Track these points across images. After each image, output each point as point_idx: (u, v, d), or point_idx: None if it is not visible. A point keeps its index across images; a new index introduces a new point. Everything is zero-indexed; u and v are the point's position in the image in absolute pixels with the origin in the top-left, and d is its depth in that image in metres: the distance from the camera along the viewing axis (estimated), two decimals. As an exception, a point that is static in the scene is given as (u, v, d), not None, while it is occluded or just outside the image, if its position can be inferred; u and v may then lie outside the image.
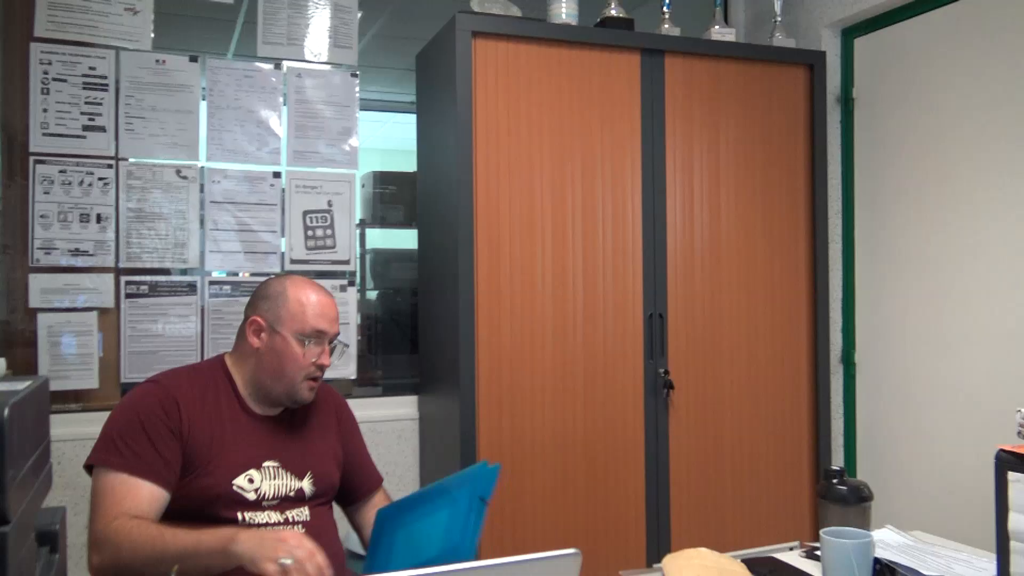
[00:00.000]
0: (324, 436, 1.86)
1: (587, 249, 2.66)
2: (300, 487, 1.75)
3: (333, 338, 1.77)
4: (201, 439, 1.67)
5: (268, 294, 1.77)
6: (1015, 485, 1.22)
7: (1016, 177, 2.47)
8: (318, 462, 1.80)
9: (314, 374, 1.75)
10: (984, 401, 2.55)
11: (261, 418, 1.77)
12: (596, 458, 2.67)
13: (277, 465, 1.74)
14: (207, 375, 1.78)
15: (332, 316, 1.77)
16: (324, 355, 1.75)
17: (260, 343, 1.74)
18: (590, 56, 2.67)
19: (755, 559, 1.69)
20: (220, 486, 1.65)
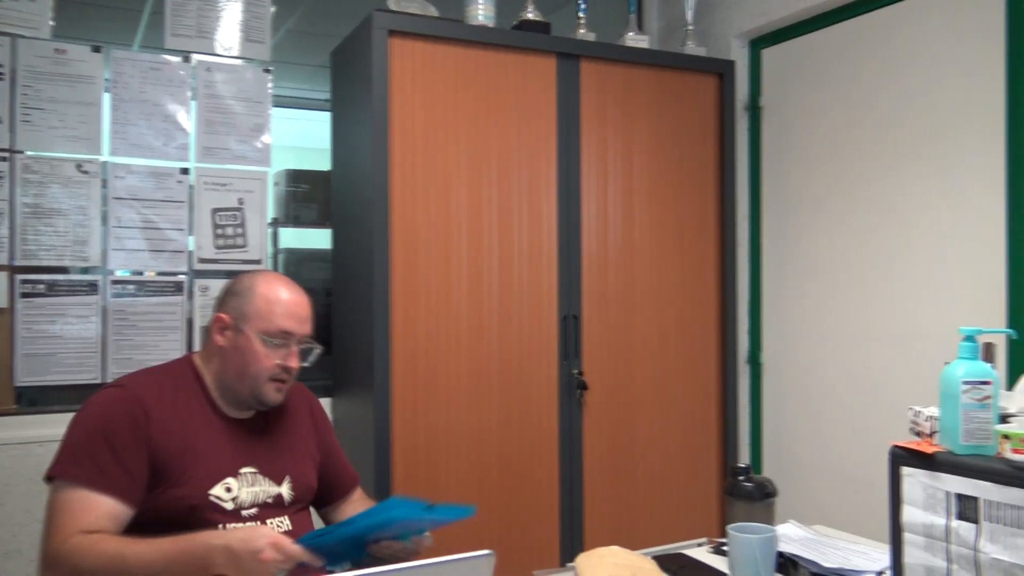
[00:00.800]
0: (300, 438, 1.79)
1: (503, 251, 2.67)
2: (279, 493, 1.68)
3: (303, 339, 1.69)
4: (173, 447, 1.57)
5: (237, 290, 1.68)
6: (908, 479, 1.28)
7: (912, 184, 2.59)
8: (296, 466, 1.73)
9: (280, 376, 1.66)
10: (881, 399, 2.67)
11: (235, 422, 1.69)
12: (511, 458, 2.68)
13: (254, 471, 1.66)
14: (176, 377, 1.68)
15: (302, 316, 1.68)
16: (291, 357, 1.66)
17: (225, 341, 1.66)
18: (507, 59, 2.68)
19: (665, 556, 1.72)
20: (195, 496, 1.56)
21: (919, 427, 1.38)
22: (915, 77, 2.58)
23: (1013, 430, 1.17)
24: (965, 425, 1.23)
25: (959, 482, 1.20)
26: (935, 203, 2.52)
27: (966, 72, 2.43)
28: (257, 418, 1.73)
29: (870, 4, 2.72)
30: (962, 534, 1.19)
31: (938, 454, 1.24)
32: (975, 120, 2.41)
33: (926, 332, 2.54)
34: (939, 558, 1.23)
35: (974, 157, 2.41)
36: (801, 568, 1.55)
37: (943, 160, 2.50)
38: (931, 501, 1.24)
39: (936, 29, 2.52)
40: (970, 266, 2.42)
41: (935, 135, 2.52)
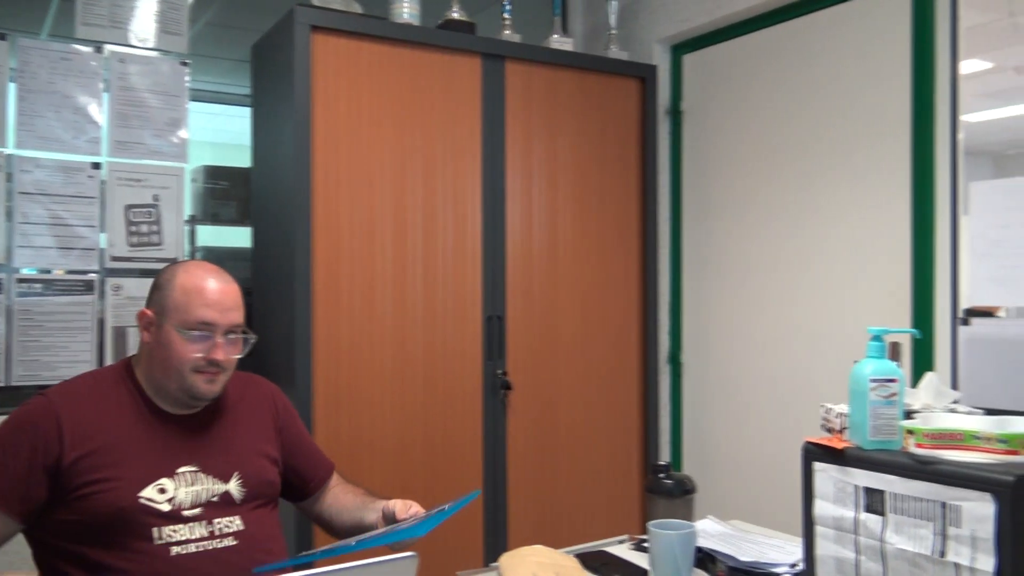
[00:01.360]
0: (254, 432, 1.72)
1: (427, 251, 2.66)
2: (226, 491, 1.61)
3: (230, 329, 1.62)
4: (95, 452, 1.51)
5: (160, 283, 1.62)
6: (819, 474, 1.32)
7: (825, 190, 2.68)
8: (246, 461, 1.67)
9: (205, 368, 1.59)
10: (795, 397, 2.76)
11: (176, 419, 1.62)
12: (435, 458, 2.67)
13: (195, 470, 1.59)
14: (109, 379, 1.62)
15: (226, 305, 1.61)
16: (216, 349, 1.59)
17: (150, 337, 1.60)
18: (432, 58, 2.67)
19: (588, 553, 1.74)
20: (124, 500, 1.50)
21: (830, 424, 1.42)
22: (828, 87, 2.67)
23: (917, 425, 1.23)
24: (872, 421, 1.28)
25: (867, 476, 1.25)
26: (847, 209, 2.62)
27: (875, 84, 2.53)
28: (202, 414, 1.66)
29: (785, 15, 2.80)
30: (869, 526, 1.24)
31: (847, 449, 1.29)
32: (884, 130, 2.50)
33: (837, 332, 2.63)
34: (848, 550, 1.27)
35: (882, 166, 2.51)
36: (719, 562, 1.59)
37: (854, 167, 2.59)
38: (841, 495, 1.28)
39: (847, 43, 2.62)
40: (878, 270, 2.52)
41: (847, 143, 2.61)
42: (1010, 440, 1.15)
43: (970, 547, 1.11)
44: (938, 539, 1.15)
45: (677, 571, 1.50)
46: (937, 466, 1.16)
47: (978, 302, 2.26)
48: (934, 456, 1.18)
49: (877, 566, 1.23)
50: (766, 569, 1.58)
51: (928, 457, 1.19)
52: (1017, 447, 1.14)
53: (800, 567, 1.50)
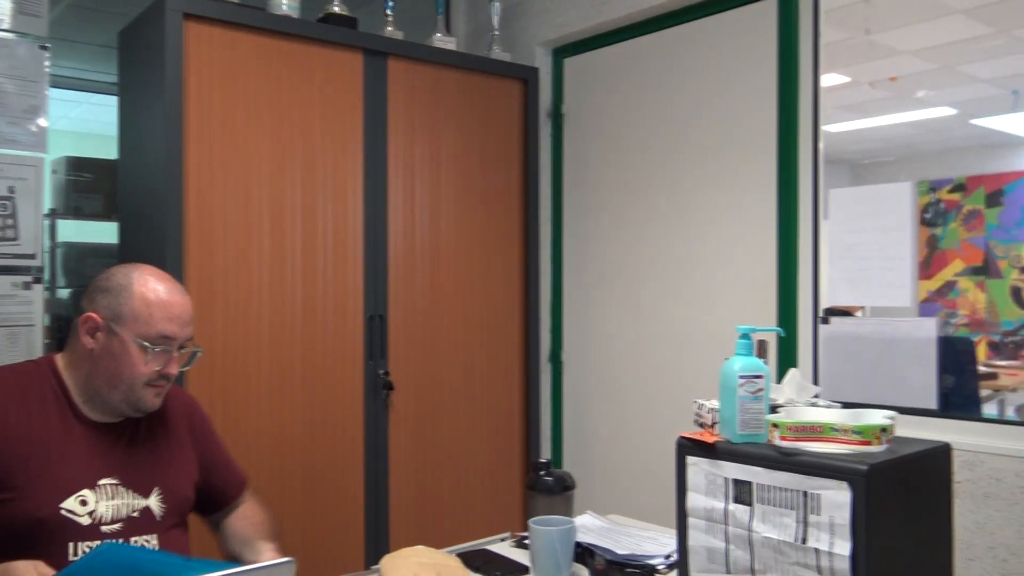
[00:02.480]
0: (175, 445, 1.63)
1: (307, 249, 2.60)
2: (146, 506, 1.53)
3: (185, 343, 1.55)
4: (17, 456, 1.40)
5: (109, 287, 1.52)
6: (692, 468, 1.37)
7: (697, 193, 2.79)
8: (167, 476, 1.58)
9: (158, 382, 1.52)
10: (670, 394, 2.86)
11: (99, 427, 1.52)
12: (315, 461, 2.61)
13: (116, 483, 1.50)
14: (33, 378, 1.50)
15: (185, 319, 1.55)
16: (172, 364, 1.52)
17: (95, 344, 1.49)
18: (312, 52, 2.62)
19: (470, 552, 1.75)
20: (44, 510, 1.40)
21: (702, 418, 1.48)
22: (701, 95, 2.78)
23: (781, 419, 1.29)
24: (741, 416, 1.34)
25: (735, 468, 1.30)
26: (718, 213, 2.73)
27: (745, 94, 2.65)
28: (127, 423, 1.57)
29: (661, 23, 2.90)
30: (738, 516, 1.30)
31: (718, 443, 1.34)
32: (752, 138, 2.63)
33: (709, 331, 2.74)
34: (718, 539, 1.33)
35: (750, 172, 2.63)
36: (597, 556, 1.62)
37: (724, 173, 2.71)
38: (712, 487, 1.34)
39: (719, 53, 2.73)
40: (747, 271, 2.64)
41: (718, 150, 2.73)
42: (864, 431, 1.23)
43: (829, 533, 1.18)
44: (800, 526, 1.22)
45: (557, 566, 1.53)
46: (799, 457, 1.23)
47: (836, 302, 2.41)
48: (796, 448, 1.25)
49: (745, 554, 1.29)
50: (642, 561, 1.63)
51: (791, 449, 1.25)
52: (871, 438, 1.22)
53: (674, 558, 1.56)
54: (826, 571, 1.18)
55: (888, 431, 1.25)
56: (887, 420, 1.26)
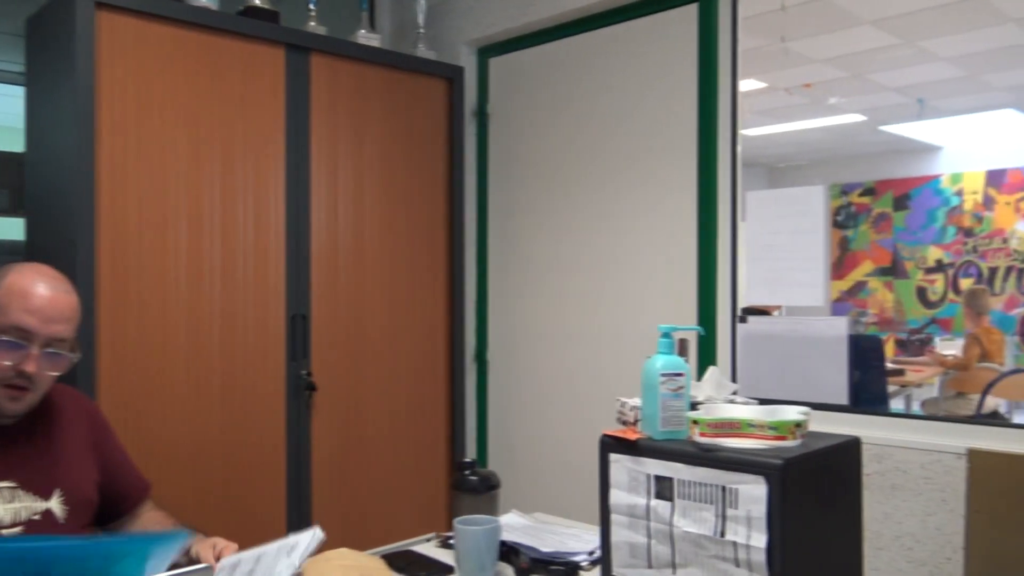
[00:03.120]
0: (75, 447, 1.56)
1: (226, 247, 2.54)
2: (47, 508, 1.46)
3: (50, 342, 1.46)
4: None
5: None
6: (615, 465, 1.39)
7: (620, 194, 2.83)
8: (68, 478, 1.52)
9: (13, 381, 1.43)
10: (594, 392, 2.89)
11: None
12: (235, 464, 2.55)
13: (13, 486, 1.43)
14: None
15: (50, 315, 1.46)
16: (28, 361, 1.43)
17: None
18: (232, 45, 2.55)
19: (394, 553, 1.73)
20: None
21: (625, 416, 1.50)
22: (624, 97, 2.82)
23: (700, 416, 1.32)
24: (662, 413, 1.37)
25: (657, 465, 1.33)
26: (640, 213, 2.77)
27: (666, 97, 2.70)
28: (21, 425, 1.50)
29: (585, 26, 2.93)
30: (659, 512, 1.32)
31: (640, 440, 1.37)
32: (673, 140, 2.68)
33: (632, 330, 2.78)
34: (640, 535, 1.35)
35: (671, 174, 2.68)
36: (522, 554, 1.63)
37: (646, 174, 2.75)
38: (634, 484, 1.36)
39: (642, 56, 2.77)
40: (668, 271, 2.69)
41: (640, 151, 2.77)
42: (779, 427, 1.27)
43: (746, 526, 1.21)
44: (719, 520, 1.25)
45: (482, 566, 1.53)
46: (718, 453, 1.26)
47: (753, 302, 2.47)
48: (715, 444, 1.28)
49: (666, 549, 1.31)
50: (566, 558, 1.64)
51: (710, 445, 1.28)
52: (785, 433, 1.26)
53: (597, 554, 1.58)
54: (743, 563, 1.22)
55: (802, 426, 1.29)
56: (801, 416, 1.30)
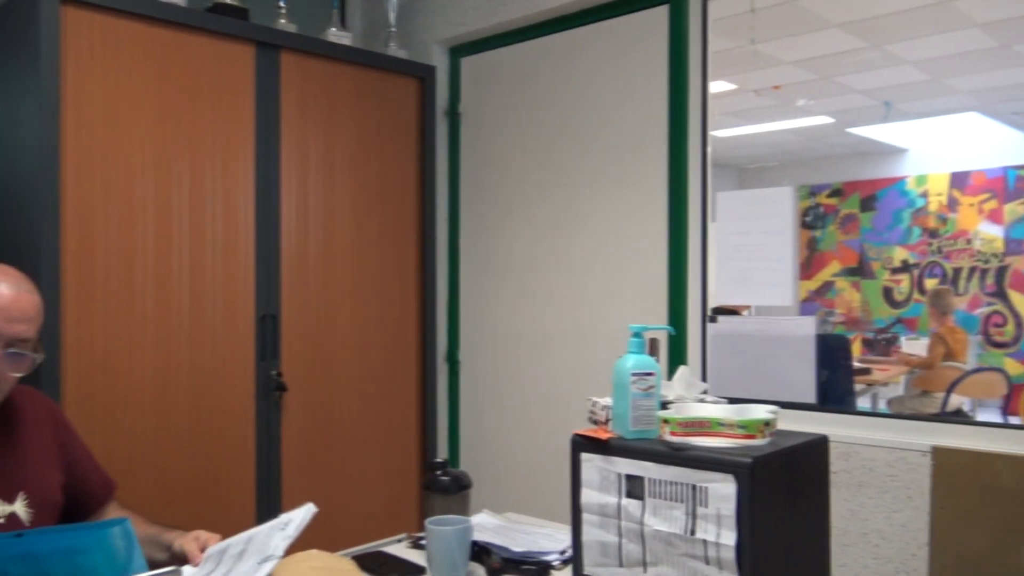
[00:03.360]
0: (38, 449, 1.54)
1: (195, 247, 2.51)
2: (11, 512, 1.44)
3: (12, 342, 1.44)
4: None
5: None
6: (586, 464, 1.40)
7: (592, 194, 2.84)
8: (32, 480, 1.49)
9: None
10: (566, 392, 2.90)
11: None
12: (203, 465, 2.53)
13: None
14: None
15: (12, 315, 1.44)
16: None
17: None
18: (201, 42, 2.53)
19: (365, 555, 1.73)
20: None
21: (596, 416, 1.51)
22: (595, 97, 2.83)
23: (671, 415, 1.33)
24: (633, 412, 1.37)
25: (628, 464, 1.33)
26: (611, 214, 2.78)
27: (637, 97, 2.71)
28: None
29: (557, 26, 2.94)
30: (630, 510, 1.33)
31: (611, 440, 1.37)
32: (644, 140, 2.69)
33: (603, 329, 2.79)
34: (611, 534, 1.36)
35: (643, 174, 2.70)
36: (494, 554, 1.63)
37: (617, 174, 2.76)
38: (605, 483, 1.36)
39: (613, 57, 2.78)
40: (639, 271, 2.70)
41: (612, 151, 2.78)
42: (748, 426, 1.28)
43: (715, 524, 1.22)
44: (689, 519, 1.25)
45: (454, 566, 1.52)
46: (688, 452, 1.27)
47: (723, 301, 2.49)
48: (686, 443, 1.29)
49: (637, 547, 1.32)
50: (537, 558, 1.65)
51: (681, 444, 1.29)
52: (754, 432, 1.28)
53: (568, 554, 1.58)
54: (713, 561, 1.22)
55: (770, 425, 1.30)
56: (769, 415, 1.31)
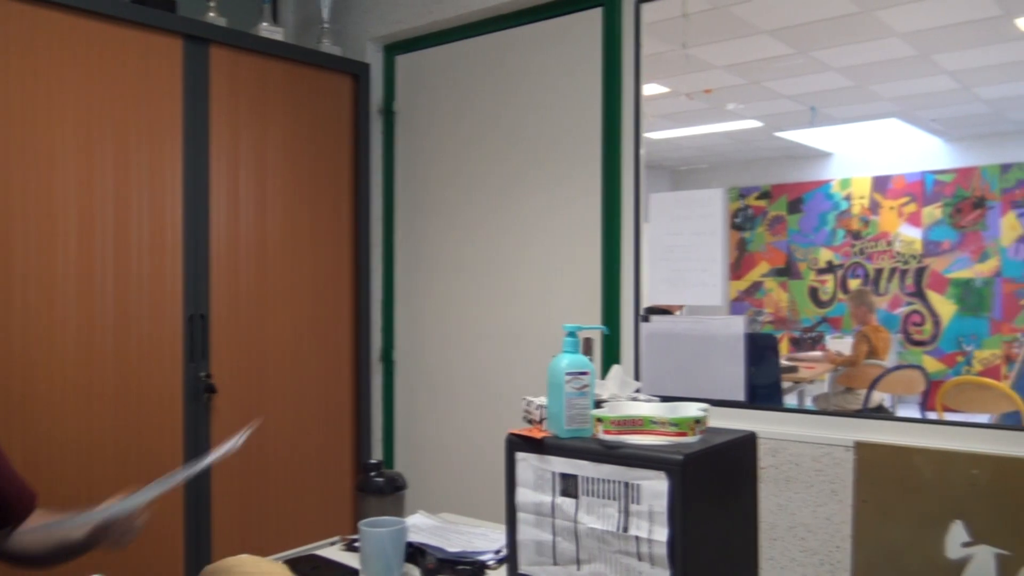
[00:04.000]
0: None
1: (120, 244, 2.44)
2: None
3: None
4: None
5: None
6: (521, 463, 1.40)
7: (527, 194, 2.85)
8: None
9: None
10: (502, 391, 2.90)
11: None
12: (128, 471, 2.45)
13: None
14: None
15: None
16: None
17: None
18: (126, 34, 2.45)
19: (297, 558, 1.70)
20: None
21: (531, 415, 1.51)
22: (530, 98, 2.84)
23: (605, 414, 1.34)
24: (568, 411, 1.38)
25: (562, 463, 1.34)
26: (546, 214, 2.80)
27: (572, 98, 2.73)
28: None
29: (493, 26, 2.94)
30: (565, 509, 1.34)
31: (546, 439, 1.38)
32: (579, 141, 2.71)
33: (538, 329, 2.81)
34: (546, 532, 1.36)
35: (577, 174, 2.72)
36: (428, 555, 1.63)
37: (552, 175, 2.78)
38: (540, 482, 1.37)
39: (548, 58, 2.80)
40: (574, 271, 2.72)
41: (547, 152, 2.80)
42: (680, 423, 1.30)
43: (648, 521, 1.24)
44: (622, 516, 1.27)
45: (388, 568, 1.51)
46: (621, 450, 1.29)
47: (656, 301, 2.53)
48: (619, 441, 1.31)
49: (571, 546, 1.33)
50: (472, 558, 1.64)
51: (614, 442, 1.31)
52: (686, 429, 1.30)
53: (503, 553, 1.58)
54: (646, 557, 1.24)
55: (701, 422, 1.33)
56: (700, 412, 1.34)
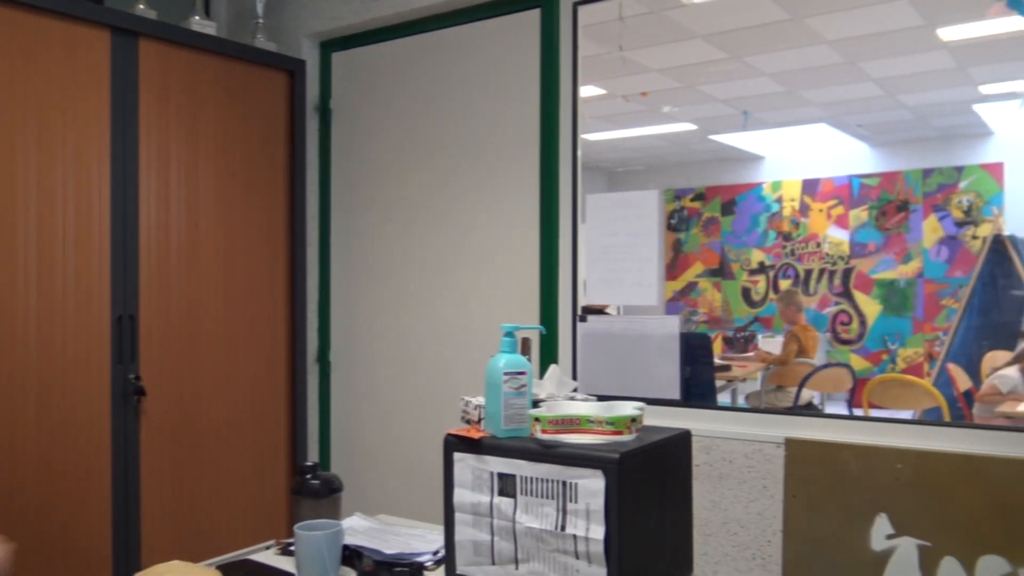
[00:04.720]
0: None
1: (43, 244, 2.36)
2: None
3: None
4: None
5: None
6: (459, 464, 1.40)
7: (464, 193, 2.84)
8: None
9: None
10: (439, 392, 2.89)
11: None
12: (53, 477, 2.37)
13: None
14: None
15: None
16: None
17: None
18: (49, 25, 2.37)
19: (230, 564, 1.67)
20: None
21: (469, 415, 1.51)
22: (468, 97, 2.84)
23: (542, 413, 1.35)
24: (505, 411, 1.38)
25: (500, 462, 1.35)
26: (484, 214, 2.80)
27: (510, 99, 2.74)
28: None
29: (430, 25, 2.93)
30: (503, 509, 1.34)
31: (484, 439, 1.38)
32: (516, 142, 2.72)
33: (476, 329, 2.81)
34: (484, 532, 1.36)
35: (515, 175, 2.72)
36: (365, 558, 1.61)
37: (490, 175, 2.78)
38: (478, 482, 1.37)
39: (486, 58, 2.80)
40: (511, 271, 2.73)
41: (484, 152, 2.80)
42: (616, 422, 1.31)
43: (585, 519, 1.25)
44: (560, 515, 1.28)
45: (324, 571, 1.49)
46: (559, 449, 1.29)
47: (592, 301, 2.55)
48: (556, 440, 1.31)
49: (509, 545, 1.33)
50: (410, 559, 1.63)
51: (551, 441, 1.31)
52: (622, 428, 1.31)
53: (441, 554, 1.58)
54: (583, 555, 1.25)
55: (637, 421, 1.34)
56: (636, 411, 1.36)
